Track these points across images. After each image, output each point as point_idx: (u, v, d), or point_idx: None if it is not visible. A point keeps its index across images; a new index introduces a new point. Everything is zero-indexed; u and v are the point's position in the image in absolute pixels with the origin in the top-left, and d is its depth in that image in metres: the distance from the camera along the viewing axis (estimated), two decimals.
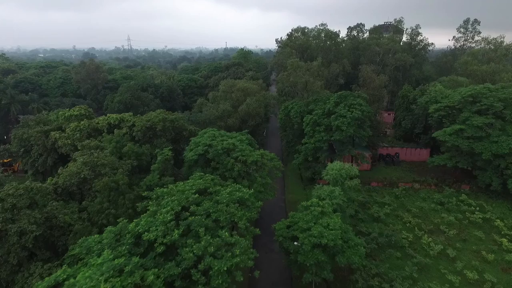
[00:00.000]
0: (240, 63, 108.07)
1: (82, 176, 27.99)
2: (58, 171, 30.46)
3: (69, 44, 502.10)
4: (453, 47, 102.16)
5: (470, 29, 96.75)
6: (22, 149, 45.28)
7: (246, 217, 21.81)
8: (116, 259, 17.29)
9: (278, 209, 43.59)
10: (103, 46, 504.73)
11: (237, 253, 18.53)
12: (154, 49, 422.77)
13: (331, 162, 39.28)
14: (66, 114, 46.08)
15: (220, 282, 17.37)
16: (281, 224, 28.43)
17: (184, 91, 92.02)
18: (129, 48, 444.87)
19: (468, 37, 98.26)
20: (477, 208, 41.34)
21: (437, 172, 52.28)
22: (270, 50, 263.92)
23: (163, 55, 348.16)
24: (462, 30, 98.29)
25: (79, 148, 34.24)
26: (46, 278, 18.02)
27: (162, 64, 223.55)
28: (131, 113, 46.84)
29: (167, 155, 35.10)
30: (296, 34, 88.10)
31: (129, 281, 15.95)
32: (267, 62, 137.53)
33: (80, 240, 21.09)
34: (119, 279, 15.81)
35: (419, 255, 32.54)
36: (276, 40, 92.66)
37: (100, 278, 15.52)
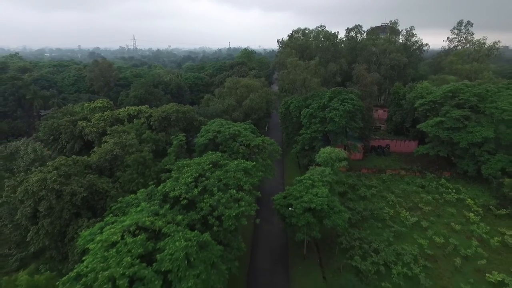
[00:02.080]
0: (243, 62, 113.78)
1: (114, 154, 33.83)
2: (94, 149, 36.32)
3: (74, 43, 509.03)
4: (447, 47, 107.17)
5: (463, 31, 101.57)
6: (51, 137, 51.22)
7: (249, 182, 27.50)
8: (152, 207, 23.04)
9: (278, 191, 48.60)
10: (107, 46, 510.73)
11: (243, 204, 24.26)
12: (158, 49, 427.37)
13: None
14: (91, 106, 52.09)
15: (230, 224, 23.10)
16: (279, 196, 34.38)
17: (191, 89, 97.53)
18: (134, 47, 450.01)
19: (461, 38, 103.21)
20: (454, 191, 46.66)
21: (423, 162, 57.57)
22: (273, 50, 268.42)
23: (167, 54, 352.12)
24: (455, 31, 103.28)
25: (108, 132, 40.13)
26: (97, 224, 23.73)
27: (167, 63, 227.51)
28: (147, 106, 52.70)
29: (181, 140, 40.93)
30: (296, 35, 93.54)
31: (164, 220, 21.64)
32: (269, 61, 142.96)
33: (119, 199, 26.90)
34: (157, 217, 21.52)
35: (396, 225, 38.04)
36: (278, 41, 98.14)
37: (144, 216, 21.20)
